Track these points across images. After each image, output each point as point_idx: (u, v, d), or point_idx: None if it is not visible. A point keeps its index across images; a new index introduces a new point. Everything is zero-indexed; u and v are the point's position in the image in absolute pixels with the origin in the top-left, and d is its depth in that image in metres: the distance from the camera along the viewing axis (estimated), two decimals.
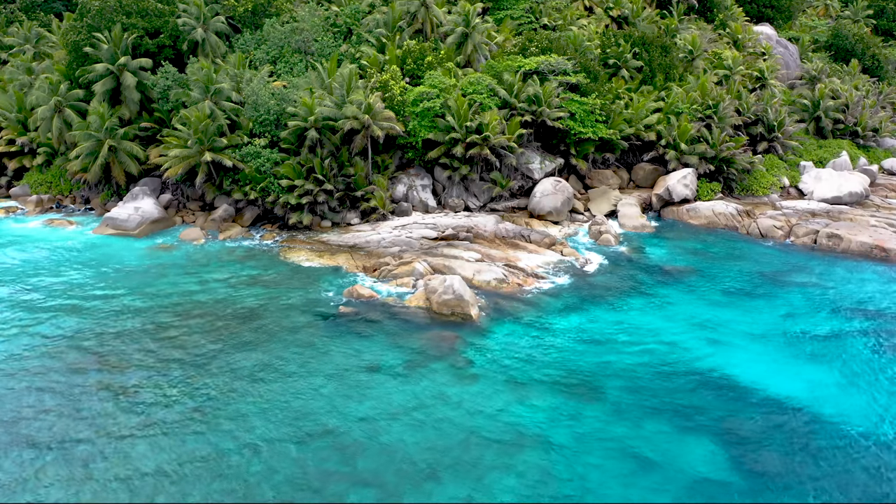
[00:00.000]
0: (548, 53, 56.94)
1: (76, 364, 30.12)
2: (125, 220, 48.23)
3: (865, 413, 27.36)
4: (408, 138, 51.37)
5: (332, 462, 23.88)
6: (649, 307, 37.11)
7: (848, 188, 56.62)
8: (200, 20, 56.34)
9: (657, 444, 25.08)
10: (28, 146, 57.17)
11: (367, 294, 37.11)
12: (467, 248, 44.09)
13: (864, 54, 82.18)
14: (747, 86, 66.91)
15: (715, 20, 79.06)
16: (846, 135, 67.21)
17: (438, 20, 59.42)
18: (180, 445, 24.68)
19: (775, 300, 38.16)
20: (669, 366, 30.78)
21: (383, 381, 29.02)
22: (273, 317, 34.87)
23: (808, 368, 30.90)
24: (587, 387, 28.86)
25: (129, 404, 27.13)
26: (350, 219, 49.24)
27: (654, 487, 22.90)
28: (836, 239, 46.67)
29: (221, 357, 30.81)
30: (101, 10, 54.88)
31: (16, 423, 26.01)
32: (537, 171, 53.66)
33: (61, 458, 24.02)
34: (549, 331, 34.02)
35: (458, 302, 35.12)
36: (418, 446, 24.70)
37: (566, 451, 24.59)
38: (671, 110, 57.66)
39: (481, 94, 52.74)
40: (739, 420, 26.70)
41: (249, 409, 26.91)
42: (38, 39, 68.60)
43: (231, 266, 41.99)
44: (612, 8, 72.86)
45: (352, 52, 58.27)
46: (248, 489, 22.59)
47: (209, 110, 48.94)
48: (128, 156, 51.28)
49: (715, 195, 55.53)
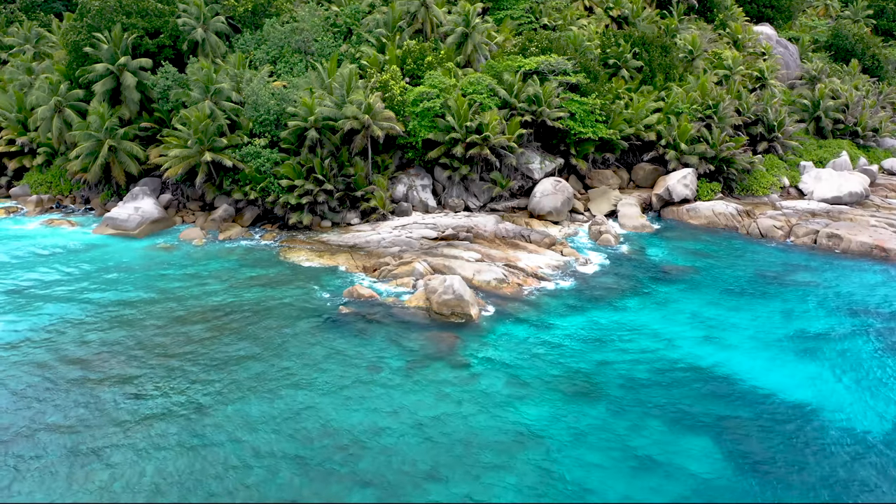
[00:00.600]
0: (548, 53, 56.95)
1: (75, 364, 30.13)
2: (125, 220, 48.24)
3: (866, 412, 27.38)
4: (408, 138, 51.38)
5: (332, 462, 23.88)
6: (649, 307, 37.12)
7: (848, 188, 56.63)
8: (200, 20, 56.36)
9: (657, 444, 25.09)
10: (28, 146, 57.20)
11: (367, 294, 37.11)
12: (467, 248, 44.09)
13: (864, 54, 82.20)
14: (747, 86, 66.93)
15: (715, 20, 79.08)
16: (846, 135, 67.23)
17: (438, 20, 59.44)
18: (179, 445, 24.68)
19: (775, 300, 38.17)
20: (669, 365, 30.79)
21: (383, 380, 29.02)
22: (273, 317, 34.88)
23: (809, 367, 30.91)
24: (587, 386, 28.87)
25: (128, 404, 27.15)
26: (350, 219, 49.24)
27: (654, 487, 22.91)
28: (836, 239, 46.68)
29: (221, 357, 30.83)
30: (101, 10, 54.90)
31: (13, 422, 26.01)
32: (537, 171, 53.66)
33: (61, 458, 24.01)
34: (549, 330, 34.03)
35: (458, 302, 35.12)
36: (418, 446, 24.72)
37: (566, 450, 24.60)
38: (671, 110, 57.67)
39: (481, 94, 52.74)
40: (740, 419, 26.71)
41: (249, 408, 26.92)
42: (38, 39, 68.63)
43: (231, 266, 42.00)
44: (612, 8, 72.89)
45: (352, 52, 58.29)
46: (249, 489, 22.59)
47: (209, 110, 48.95)
48: (128, 156, 51.30)
49: (715, 195, 55.54)
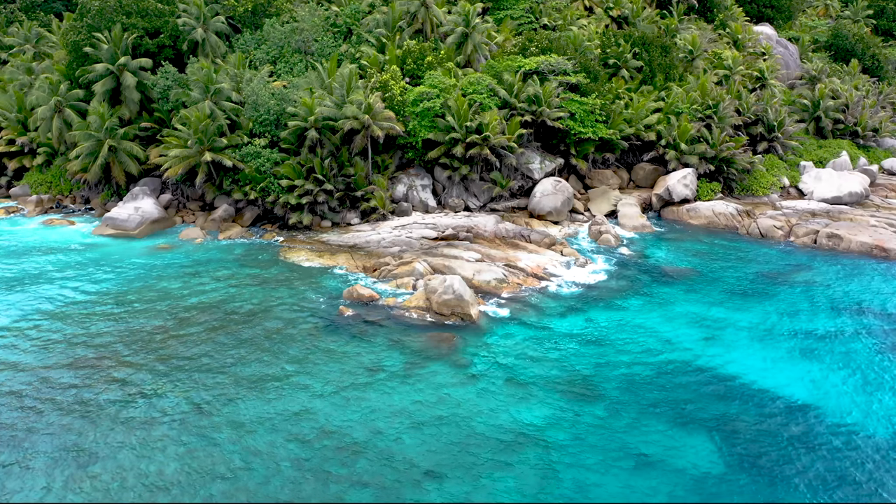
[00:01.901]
0: (548, 53, 56.95)
1: (73, 364, 30.11)
2: (125, 220, 48.25)
3: (866, 412, 27.36)
4: (408, 138, 51.38)
5: (331, 462, 23.88)
6: (649, 306, 37.12)
7: (848, 188, 56.64)
8: (200, 20, 56.38)
9: (657, 444, 25.08)
10: (28, 146, 57.23)
11: (366, 294, 37.10)
12: (467, 248, 44.09)
13: (864, 54, 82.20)
14: (747, 86, 66.93)
15: (715, 20, 79.07)
16: (846, 135, 67.23)
17: (438, 20, 59.43)
18: (180, 446, 24.68)
19: (775, 300, 38.17)
20: (669, 365, 30.78)
21: (383, 381, 29.01)
22: (273, 317, 34.88)
23: (809, 367, 30.90)
24: (587, 386, 28.86)
25: (127, 404, 27.14)
26: (350, 219, 49.24)
27: (653, 486, 22.90)
28: (836, 239, 46.67)
29: (221, 357, 30.82)
30: (101, 10, 54.91)
31: (12, 422, 26.01)
32: (537, 171, 53.66)
33: (60, 458, 24.01)
34: (549, 330, 34.03)
35: (459, 302, 35.11)
36: (417, 446, 24.71)
37: (565, 450, 24.60)
38: (671, 110, 57.66)
39: (481, 94, 52.74)
40: (740, 419, 26.70)
41: (248, 408, 26.91)
42: (38, 39, 68.65)
43: (231, 266, 42.00)
44: (612, 8, 72.89)
45: (352, 52, 58.29)
46: (248, 490, 22.59)
47: (209, 110, 48.96)
48: (128, 156, 51.31)
49: (715, 195, 55.53)
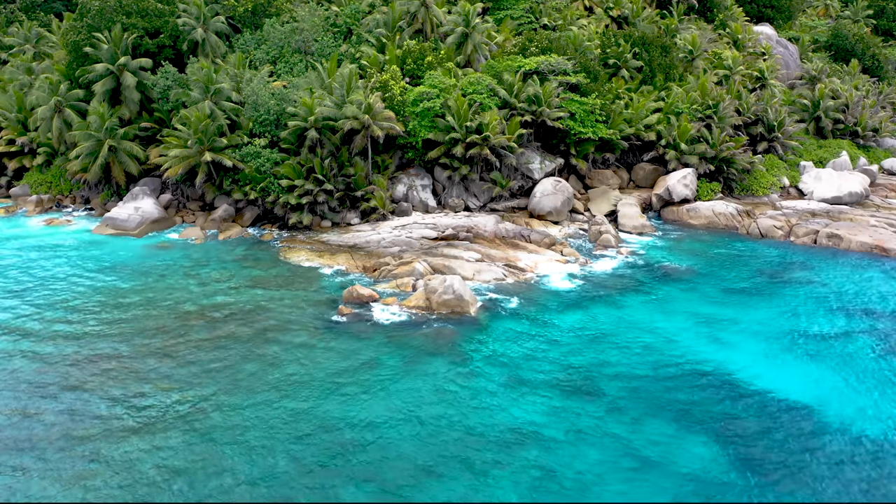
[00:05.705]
0: (548, 53, 56.94)
1: (73, 363, 30.11)
2: (125, 219, 48.26)
3: (866, 412, 27.34)
4: (408, 138, 51.38)
5: (331, 460, 23.87)
6: (649, 306, 37.11)
7: (848, 188, 56.64)
8: (200, 20, 56.38)
9: (657, 443, 25.07)
10: (28, 146, 57.26)
11: (366, 294, 37.09)
12: (467, 248, 44.10)
13: (864, 54, 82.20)
14: (747, 86, 66.92)
15: (715, 20, 79.07)
16: (846, 135, 67.23)
17: (438, 20, 59.44)
18: (179, 444, 24.67)
19: (775, 299, 38.16)
20: (669, 364, 30.77)
21: (383, 380, 29.02)
22: (273, 316, 34.88)
23: (809, 367, 30.89)
24: (586, 385, 28.85)
25: (127, 404, 27.13)
26: (350, 219, 49.24)
27: (653, 486, 22.88)
28: (836, 239, 46.67)
29: (220, 357, 30.82)
30: (101, 10, 54.92)
31: (11, 422, 26.01)
32: (537, 171, 53.66)
33: (59, 458, 24.00)
34: (549, 329, 34.03)
35: (458, 301, 35.13)
36: (417, 444, 24.70)
37: (565, 448, 24.58)
38: (671, 110, 57.66)
39: (481, 94, 52.74)
40: (739, 418, 26.69)
41: (249, 408, 26.90)
42: (38, 39, 68.68)
43: (231, 266, 42.00)
44: (612, 8, 72.88)
45: (352, 52, 58.29)
46: (248, 488, 22.58)
47: (209, 110, 48.97)
48: (128, 156, 51.32)
49: (715, 195, 55.53)
